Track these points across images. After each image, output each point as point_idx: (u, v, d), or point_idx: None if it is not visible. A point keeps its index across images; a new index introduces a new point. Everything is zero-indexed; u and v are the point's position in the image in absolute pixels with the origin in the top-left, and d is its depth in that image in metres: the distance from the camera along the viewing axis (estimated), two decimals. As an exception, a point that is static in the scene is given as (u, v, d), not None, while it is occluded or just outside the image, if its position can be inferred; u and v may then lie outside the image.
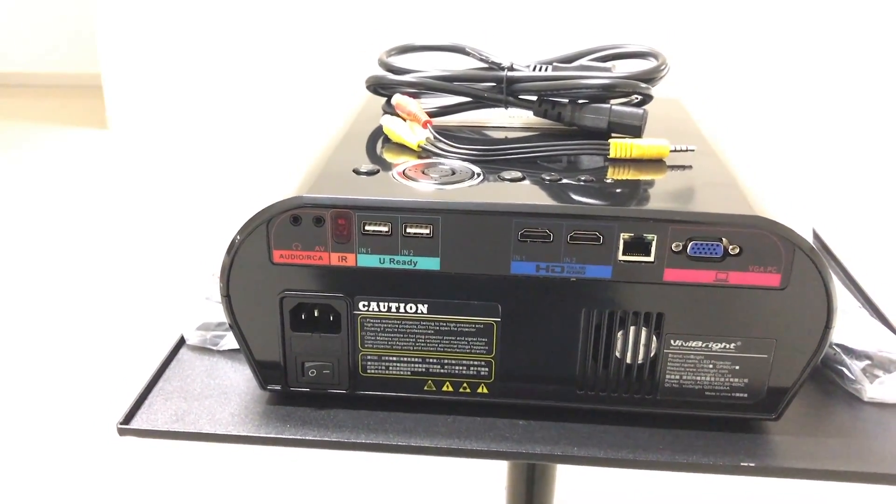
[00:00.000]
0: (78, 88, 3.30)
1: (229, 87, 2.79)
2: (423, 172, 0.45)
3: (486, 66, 0.53)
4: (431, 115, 0.53)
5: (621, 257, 0.41)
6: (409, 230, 0.42)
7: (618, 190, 0.43)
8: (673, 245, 0.41)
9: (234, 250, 0.42)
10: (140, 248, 1.91)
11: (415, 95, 0.53)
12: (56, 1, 3.27)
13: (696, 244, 0.41)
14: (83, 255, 1.89)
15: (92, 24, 2.83)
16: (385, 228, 0.42)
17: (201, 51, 2.77)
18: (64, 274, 1.78)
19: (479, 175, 0.45)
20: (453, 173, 0.45)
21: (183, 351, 0.51)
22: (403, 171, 0.45)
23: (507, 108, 0.52)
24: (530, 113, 0.52)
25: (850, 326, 0.50)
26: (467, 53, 0.53)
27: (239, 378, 0.48)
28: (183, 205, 2.20)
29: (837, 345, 0.48)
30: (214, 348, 0.51)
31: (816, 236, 0.65)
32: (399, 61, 0.54)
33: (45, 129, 2.88)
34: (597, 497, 1.10)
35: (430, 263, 0.42)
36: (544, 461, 0.44)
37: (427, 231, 0.42)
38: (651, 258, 0.41)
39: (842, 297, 0.55)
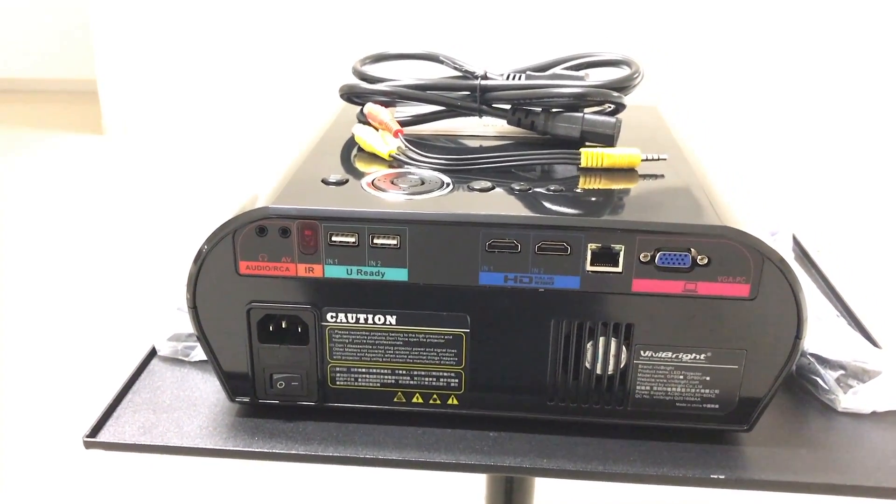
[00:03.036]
0: (74, 94, 3.30)
1: (225, 93, 2.79)
2: (393, 182, 0.44)
3: (459, 74, 0.53)
4: (405, 123, 0.53)
5: (589, 268, 0.41)
6: (376, 241, 0.41)
7: (587, 199, 0.43)
8: (641, 255, 0.40)
9: (200, 260, 0.42)
10: (134, 255, 1.91)
11: (389, 104, 0.53)
12: (52, 6, 3.28)
13: (664, 255, 0.40)
14: (76, 260, 1.88)
15: (88, 30, 2.83)
16: (352, 239, 0.41)
17: (197, 57, 2.77)
18: (55, 279, 1.78)
19: (448, 185, 0.44)
20: (423, 183, 0.44)
21: (154, 362, 0.51)
22: (372, 182, 0.45)
23: (480, 116, 0.52)
24: (505, 121, 0.52)
25: (826, 335, 0.50)
26: (441, 62, 0.53)
27: (209, 389, 0.48)
28: (178, 212, 2.20)
29: (812, 354, 0.48)
30: (186, 359, 0.50)
31: (797, 243, 0.65)
32: (373, 70, 0.54)
33: (41, 135, 2.88)
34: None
35: (398, 274, 0.42)
36: (513, 474, 0.43)
37: (394, 242, 0.41)
38: (619, 269, 0.41)
39: (819, 305, 0.55)
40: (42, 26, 3.32)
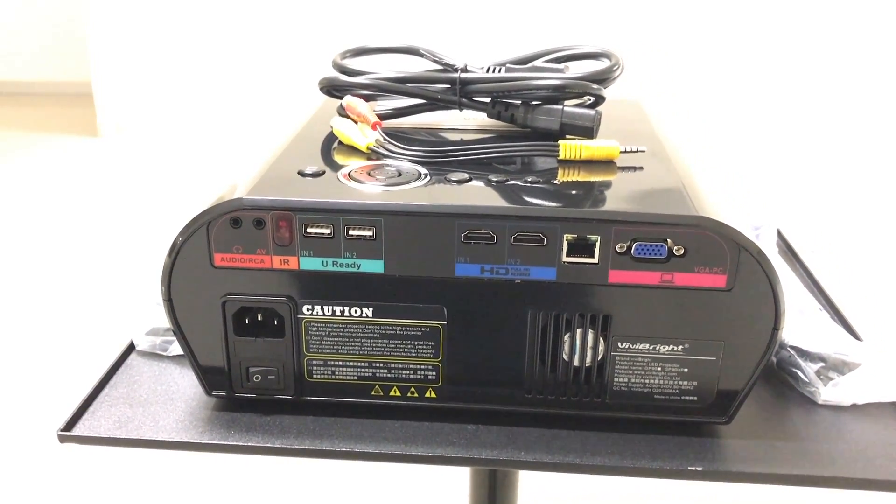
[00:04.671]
0: (68, 96, 3.30)
1: (219, 94, 2.79)
2: (369, 174, 0.44)
3: (439, 67, 0.52)
4: (385, 117, 0.53)
5: (565, 259, 0.41)
6: (351, 232, 0.41)
7: (564, 191, 0.43)
8: (617, 246, 0.40)
9: (174, 252, 0.42)
10: (129, 256, 1.90)
11: (369, 97, 0.53)
12: (46, 9, 3.27)
13: (641, 245, 0.40)
14: (70, 260, 1.88)
15: (82, 32, 2.83)
16: (327, 231, 0.41)
17: (191, 58, 2.76)
18: (49, 280, 1.78)
19: (425, 176, 0.44)
20: (399, 175, 0.44)
21: (132, 356, 0.50)
22: (349, 173, 0.44)
23: (461, 109, 0.52)
24: (485, 114, 0.52)
25: (807, 328, 0.49)
26: (421, 55, 0.53)
27: (186, 384, 0.48)
28: (172, 213, 2.20)
29: (792, 347, 0.48)
30: (164, 353, 0.50)
31: (781, 238, 0.64)
32: (353, 63, 0.54)
33: (35, 138, 2.88)
34: (560, 501, 1.09)
35: (374, 266, 0.42)
36: (491, 466, 0.43)
37: (370, 233, 0.41)
38: (595, 259, 0.41)
39: (802, 298, 0.55)
40: (36, 29, 3.32)
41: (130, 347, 0.51)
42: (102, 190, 2.39)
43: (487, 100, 0.51)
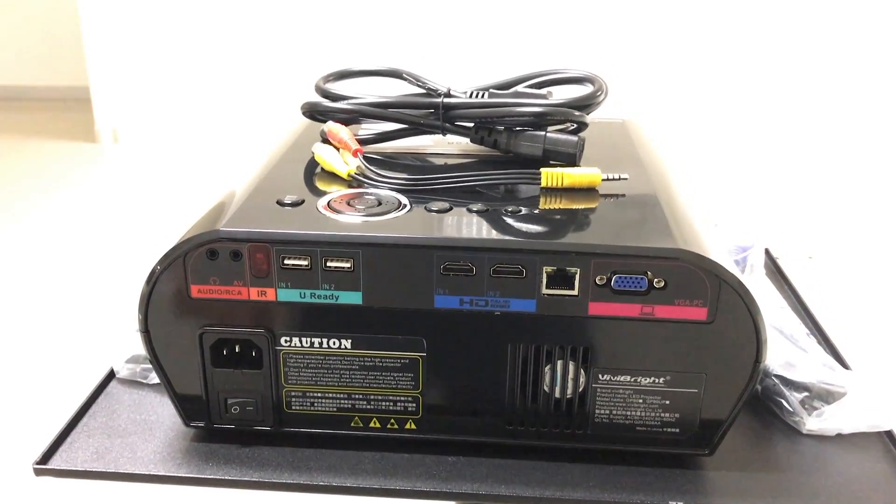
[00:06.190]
0: (66, 102, 3.29)
1: (218, 100, 2.79)
2: (349, 204, 0.44)
3: (423, 91, 0.52)
4: (368, 141, 0.53)
5: (545, 291, 0.40)
6: (329, 264, 0.41)
7: (544, 221, 0.43)
8: (597, 278, 0.40)
9: (153, 281, 0.42)
10: (127, 265, 1.90)
11: (352, 122, 0.52)
12: (44, 14, 3.27)
13: (620, 278, 0.40)
14: (65, 271, 1.88)
15: (80, 37, 2.83)
16: (304, 262, 0.41)
17: (189, 63, 2.76)
18: (41, 291, 1.77)
19: (405, 206, 0.44)
20: (379, 204, 0.44)
21: (112, 384, 0.50)
22: (328, 203, 0.44)
23: (444, 134, 0.51)
24: (468, 139, 0.51)
25: (793, 356, 0.49)
26: (404, 79, 0.53)
27: (166, 413, 0.47)
28: (172, 221, 2.19)
29: (777, 376, 0.47)
30: (144, 381, 0.50)
31: (769, 256, 0.64)
32: (337, 87, 0.54)
33: (33, 143, 2.88)
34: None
35: (352, 297, 0.41)
36: (470, 500, 0.42)
37: (348, 265, 0.41)
38: (575, 292, 0.40)
39: (790, 323, 0.54)
40: (34, 33, 3.32)
41: (111, 375, 0.50)
42: (99, 196, 2.39)
43: (471, 125, 0.51)
